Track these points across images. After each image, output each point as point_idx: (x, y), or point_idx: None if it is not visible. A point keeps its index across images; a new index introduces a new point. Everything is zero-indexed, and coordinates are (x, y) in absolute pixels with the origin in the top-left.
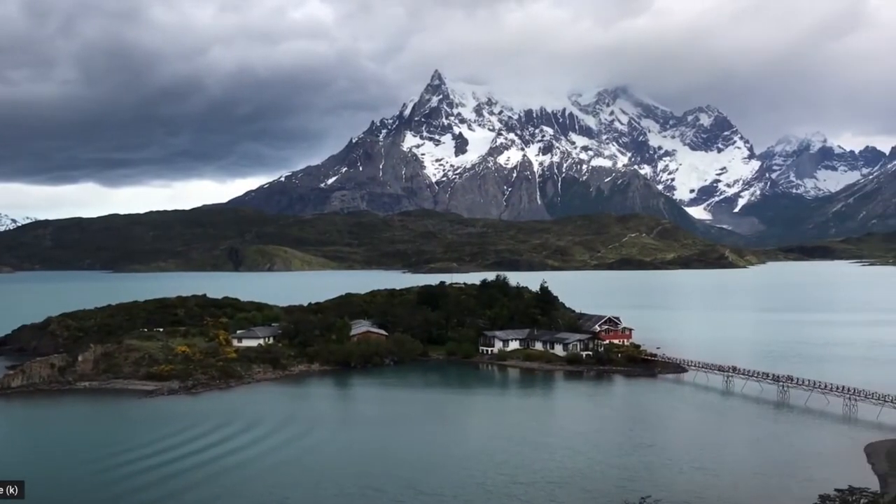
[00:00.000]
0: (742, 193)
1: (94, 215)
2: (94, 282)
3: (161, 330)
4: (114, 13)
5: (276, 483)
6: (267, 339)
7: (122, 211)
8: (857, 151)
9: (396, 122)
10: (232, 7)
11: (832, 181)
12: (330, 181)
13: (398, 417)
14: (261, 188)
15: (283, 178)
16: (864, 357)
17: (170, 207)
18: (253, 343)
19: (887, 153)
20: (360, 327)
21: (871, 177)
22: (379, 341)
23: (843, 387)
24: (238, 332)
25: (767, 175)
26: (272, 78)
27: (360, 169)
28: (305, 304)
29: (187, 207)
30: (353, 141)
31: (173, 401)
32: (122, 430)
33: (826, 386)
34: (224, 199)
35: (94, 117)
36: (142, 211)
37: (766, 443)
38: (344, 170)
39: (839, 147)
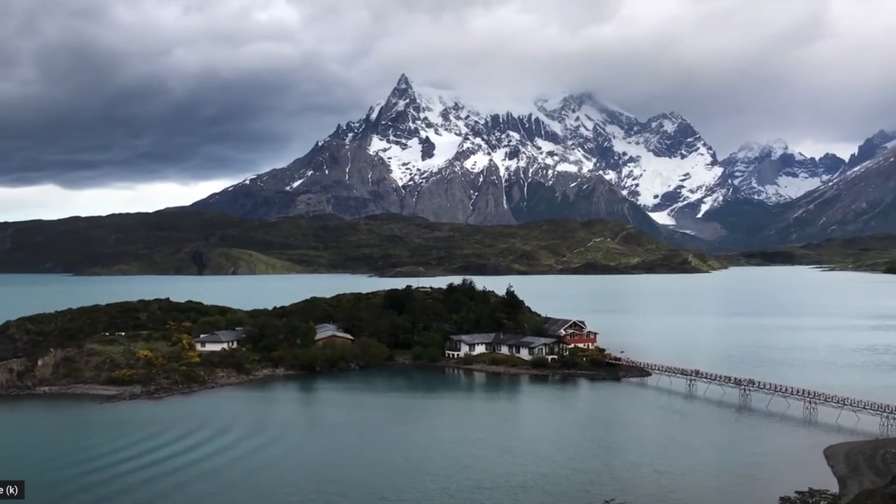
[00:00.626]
0: (705, 199)
1: (55, 217)
2: (54, 285)
3: (123, 334)
4: (76, 12)
5: (237, 489)
6: (231, 344)
7: (84, 213)
8: (817, 158)
9: (363, 126)
10: (196, 8)
11: (793, 188)
12: (295, 184)
13: (363, 422)
14: (225, 191)
15: (247, 181)
16: (823, 361)
17: (132, 210)
18: (216, 347)
19: (847, 160)
20: (326, 331)
21: (830, 184)
22: (344, 345)
23: (804, 390)
24: (201, 336)
25: (730, 181)
26: (237, 80)
27: (326, 172)
28: (270, 307)
29: (150, 210)
30: (319, 144)
31: (135, 406)
32: (82, 435)
33: (787, 389)
34: (188, 202)
35: (55, 118)
36: (104, 213)
37: (728, 445)
38: (310, 173)
39: (800, 154)
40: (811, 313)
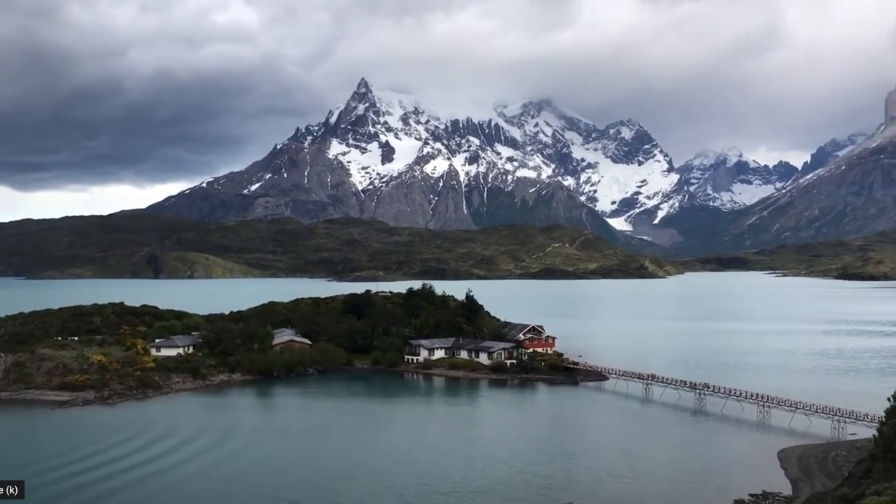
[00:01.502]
0: (661, 205)
1: (7, 220)
2: (5, 288)
3: (76, 338)
4: (28, 11)
5: (194, 495)
6: (187, 349)
7: (37, 216)
8: (771, 166)
9: (322, 129)
10: (153, 8)
11: (747, 195)
12: (253, 187)
13: (320, 427)
14: (181, 194)
15: (204, 184)
16: (776, 365)
17: (86, 213)
18: (172, 352)
19: (800, 168)
20: (284, 336)
21: (784, 191)
22: (302, 350)
23: (757, 394)
24: (157, 340)
25: (686, 188)
26: (194, 81)
27: (285, 175)
28: (227, 312)
29: (105, 213)
30: (278, 147)
31: (88, 411)
32: (33, 442)
33: (741, 393)
34: (143, 205)
35: (6, 118)
36: (57, 216)
37: (684, 449)
38: (268, 176)
39: (754, 161)
40: (765, 318)
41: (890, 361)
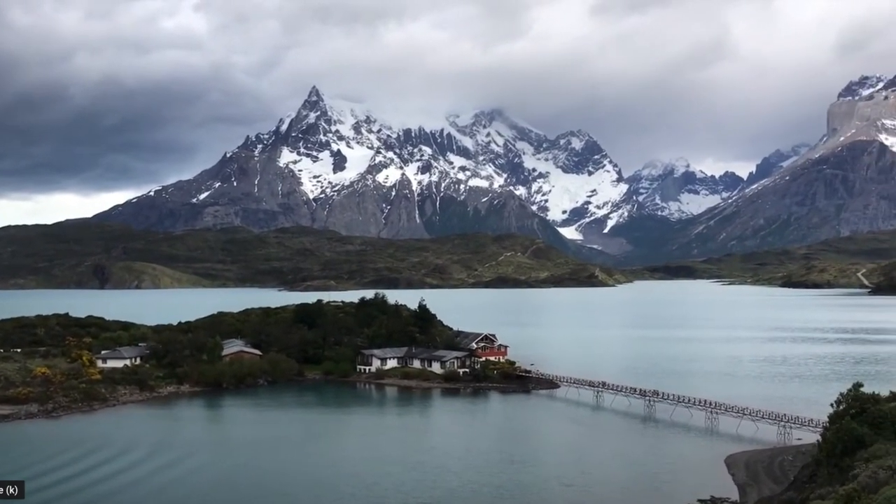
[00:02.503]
0: (611, 215)
1: None
2: None
3: (19, 350)
4: None
5: None
6: (134, 360)
7: None
8: (717, 176)
9: (273, 138)
10: (99, 13)
11: (695, 204)
12: (202, 196)
13: (270, 439)
14: (128, 203)
15: (152, 193)
16: (724, 372)
17: (30, 222)
18: (118, 364)
19: (745, 178)
20: (233, 347)
21: (730, 201)
22: (252, 361)
23: (706, 401)
24: (103, 352)
25: (635, 198)
26: (142, 88)
27: (235, 184)
28: (175, 323)
29: (49, 222)
30: (227, 155)
31: (31, 425)
32: None
33: (689, 400)
34: (89, 214)
35: None
36: None
37: (634, 456)
38: (217, 185)
39: (701, 172)
40: (712, 326)
41: (833, 368)
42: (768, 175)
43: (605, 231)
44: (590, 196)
